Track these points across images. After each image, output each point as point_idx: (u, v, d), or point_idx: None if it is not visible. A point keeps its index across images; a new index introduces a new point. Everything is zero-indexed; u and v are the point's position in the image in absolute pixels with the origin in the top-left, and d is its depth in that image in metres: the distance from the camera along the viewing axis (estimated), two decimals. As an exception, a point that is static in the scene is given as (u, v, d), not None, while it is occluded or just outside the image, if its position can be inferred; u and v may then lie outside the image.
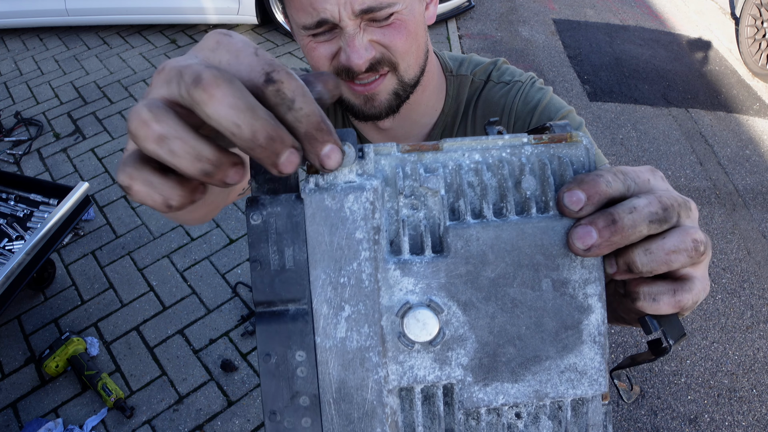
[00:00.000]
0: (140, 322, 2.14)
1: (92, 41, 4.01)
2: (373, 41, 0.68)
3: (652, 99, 3.44)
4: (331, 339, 0.29)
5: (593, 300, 0.30)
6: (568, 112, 0.77)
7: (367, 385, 0.29)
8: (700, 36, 4.17)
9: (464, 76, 0.85)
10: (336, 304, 0.29)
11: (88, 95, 3.45)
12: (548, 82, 3.56)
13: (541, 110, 0.78)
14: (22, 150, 3.00)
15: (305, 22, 0.66)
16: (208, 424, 1.82)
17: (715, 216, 2.62)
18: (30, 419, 1.82)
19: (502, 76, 0.84)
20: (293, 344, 0.28)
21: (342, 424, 0.29)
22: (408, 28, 0.68)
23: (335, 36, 0.68)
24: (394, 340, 0.29)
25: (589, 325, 0.30)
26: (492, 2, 4.56)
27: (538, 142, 0.31)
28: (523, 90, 0.81)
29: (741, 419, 1.84)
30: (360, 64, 0.66)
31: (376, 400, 0.29)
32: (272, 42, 3.90)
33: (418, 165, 0.30)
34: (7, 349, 2.05)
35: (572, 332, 0.30)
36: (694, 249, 0.30)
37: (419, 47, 0.72)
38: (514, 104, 0.80)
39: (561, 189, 0.30)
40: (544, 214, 0.30)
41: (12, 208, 2.12)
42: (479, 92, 0.84)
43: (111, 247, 2.45)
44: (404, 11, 0.67)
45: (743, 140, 3.12)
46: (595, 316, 0.30)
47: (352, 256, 0.29)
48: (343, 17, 0.64)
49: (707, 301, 2.22)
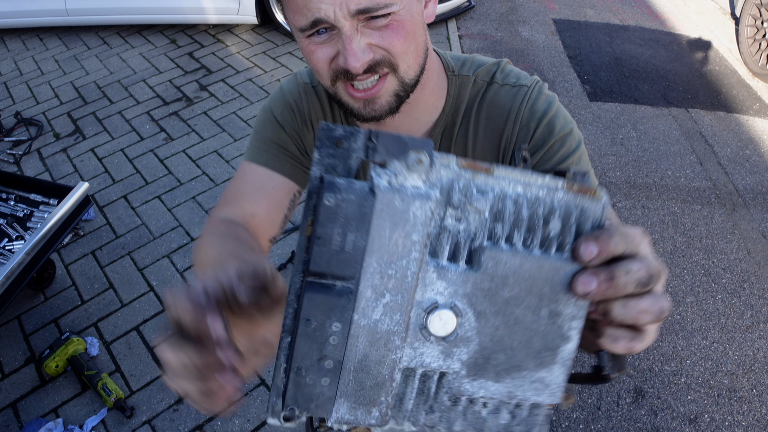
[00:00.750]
0: (140, 322, 2.14)
1: (92, 41, 4.01)
2: (371, 44, 0.67)
3: (652, 99, 3.44)
4: (367, 319, 0.33)
5: (573, 332, 0.37)
6: (570, 130, 0.79)
7: (385, 362, 0.34)
8: (700, 36, 4.17)
9: (466, 77, 0.84)
10: (379, 291, 0.33)
11: (88, 95, 3.45)
12: (548, 82, 3.57)
13: (547, 122, 0.78)
14: (22, 150, 3.00)
15: (301, 24, 0.66)
16: (208, 424, 1.82)
17: (715, 216, 2.62)
18: (30, 419, 1.82)
19: (507, 78, 0.83)
20: (333, 316, 0.33)
21: (355, 389, 0.35)
22: (406, 29, 0.68)
23: (333, 38, 0.67)
24: (416, 331, 0.35)
25: (564, 351, 0.37)
26: (492, 2, 4.56)
27: (570, 189, 0.36)
28: (529, 96, 0.81)
29: (741, 419, 1.84)
30: (357, 66, 0.66)
31: (388, 375, 0.35)
32: (272, 42, 3.90)
33: (471, 183, 0.35)
34: (7, 349, 2.05)
35: (551, 353, 0.37)
36: (659, 313, 0.37)
37: (418, 47, 0.72)
38: (521, 111, 0.80)
39: (580, 238, 0.35)
40: (559, 253, 0.36)
41: (12, 208, 2.12)
42: (482, 93, 0.84)
43: (111, 247, 2.45)
44: (402, 11, 0.66)
45: (743, 140, 3.12)
46: (571, 344, 0.37)
47: (404, 253, 0.33)
48: (338, 17, 0.63)
49: (707, 301, 2.23)
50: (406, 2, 0.67)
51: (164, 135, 3.09)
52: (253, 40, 3.93)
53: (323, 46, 0.68)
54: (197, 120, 3.19)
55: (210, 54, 3.80)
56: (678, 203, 2.69)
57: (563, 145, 0.78)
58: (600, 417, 1.84)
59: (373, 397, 0.35)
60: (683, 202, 2.70)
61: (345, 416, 0.35)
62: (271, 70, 3.61)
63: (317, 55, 0.69)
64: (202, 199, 2.68)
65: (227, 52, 3.82)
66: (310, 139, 0.90)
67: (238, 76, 3.56)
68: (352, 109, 0.74)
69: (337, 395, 0.34)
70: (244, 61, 3.71)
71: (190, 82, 3.52)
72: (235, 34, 4.02)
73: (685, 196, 2.74)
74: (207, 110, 3.27)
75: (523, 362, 0.37)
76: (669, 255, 2.43)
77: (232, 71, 3.61)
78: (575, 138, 0.79)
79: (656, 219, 2.60)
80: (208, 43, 3.92)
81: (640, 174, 2.86)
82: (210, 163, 2.89)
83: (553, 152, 0.78)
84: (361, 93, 0.71)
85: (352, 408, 0.35)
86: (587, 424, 1.82)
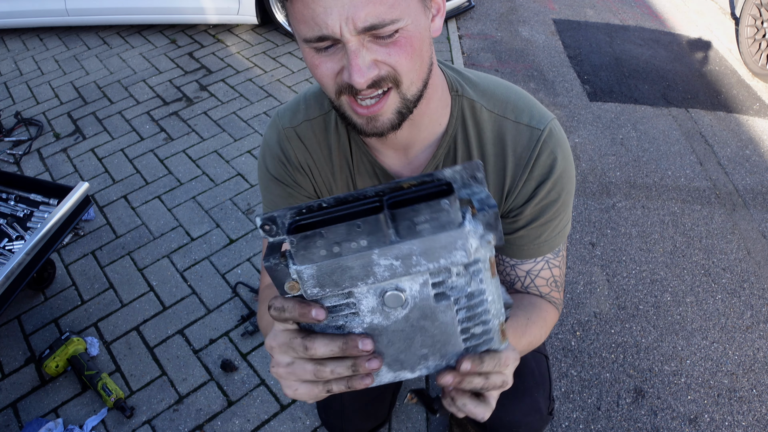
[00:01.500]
0: (140, 322, 2.14)
1: (92, 41, 4.01)
2: (376, 60, 0.66)
3: (652, 99, 3.44)
4: (378, 257, 0.45)
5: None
6: (566, 208, 0.88)
7: (362, 274, 0.46)
8: (700, 36, 4.17)
9: (472, 101, 0.84)
10: (405, 254, 0.46)
11: (88, 95, 3.45)
12: (548, 82, 3.57)
13: (551, 185, 0.84)
14: (22, 150, 3.00)
15: (307, 35, 0.65)
16: (208, 424, 1.82)
17: (715, 216, 2.62)
18: (30, 419, 1.82)
19: (520, 116, 0.83)
20: (367, 239, 0.44)
21: (332, 269, 0.45)
22: (413, 45, 0.67)
23: (338, 52, 0.66)
24: (384, 284, 0.47)
25: (448, 355, 0.54)
26: (492, 2, 4.56)
27: (501, 329, 0.53)
28: (541, 145, 0.82)
29: (741, 419, 1.84)
30: (362, 83, 0.65)
31: (358, 275, 0.46)
32: (272, 42, 3.90)
33: (485, 272, 0.50)
34: (7, 349, 2.06)
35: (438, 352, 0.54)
36: (503, 386, 0.57)
37: (423, 62, 0.71)
38: (530, 161, 0.83)
39: (467, 356, 0.52)
40: (464, 341, 0.52)
41: (12, 208, 2.12)
42: (494, 127, 0.84)
43: (111, 247, 2.45)
44: (409, 27, 0.65)
45: (743, 140, 3.12)
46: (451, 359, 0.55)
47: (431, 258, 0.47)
48: (344, 33, 0.62)
49: (707, 301, 2.23)
50: (414, 17, 0.66)
51: (164, 135, 3.09)
52: (253, 40, 3.93)
53: (328, 61, 0.68)
54: (197, 120, 3.19)
55: (210, 54, 3.80)
56: (678, 203, 2.69)
57: (548, 204, 0.86)
58: (600, 417, 1.84)
59: (338, 280, 0.46)
60: (683, 202, 2.70)
61: (311, 279, 0.46)
62: (271, 70, 3.61)
63: (322, 70, 0.69)
64: (202, 199, 2.68)
65: (227, 52, 3.82)
66: (307, 182, 0.94)
67: (238, 76, 3.56)
68: (355, 124, 0.74)
69: (318, 264, 0.45)
70: (244, 61, 3.71)
71: (190, 82, 3.52)
72: (235, 34, 4.02)
73: (685, 196, 2.74)
74: (207, 110, 3.27)
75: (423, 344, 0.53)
76: (669, 255, 2.43)
77: (232, 71, 3.61)
78: (566, 216, 0.89)
79: (656, 219, 2.60)
80: (208, 43, 3.93)
81: (640, 174, 2.86)
82: (210, 163, 2.89)
83: (537, 201, 0.86)
84: (365, 110, 0.71)
85: (318, 281, 0.46)
86: (587, 424, 1.82)
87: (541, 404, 1.10)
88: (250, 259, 2.37)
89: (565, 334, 2.10)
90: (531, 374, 1.11)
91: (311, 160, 0.92)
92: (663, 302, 2.23)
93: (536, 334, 0.88)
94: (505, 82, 0.88)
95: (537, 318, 0.89)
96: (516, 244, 0.91)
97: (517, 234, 0.89)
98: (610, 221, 2.59)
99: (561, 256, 0.94)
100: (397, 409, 1.83)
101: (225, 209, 2.62)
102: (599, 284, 2.30)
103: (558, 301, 0.97)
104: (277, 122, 0.93)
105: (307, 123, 0.91)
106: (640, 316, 2.17)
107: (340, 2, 0.60)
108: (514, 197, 0.87)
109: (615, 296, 2.25)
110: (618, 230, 2.54)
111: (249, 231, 2.51)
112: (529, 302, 0.92)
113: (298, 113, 0.92)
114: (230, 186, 2.75)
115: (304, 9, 0.62)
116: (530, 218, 0.87)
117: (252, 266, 2.34)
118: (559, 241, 0.92)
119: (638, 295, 2.26)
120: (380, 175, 0.90)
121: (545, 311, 0.93)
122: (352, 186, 0.93)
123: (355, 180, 0.92)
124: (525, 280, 0.94)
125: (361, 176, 0.92)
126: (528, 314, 0.88)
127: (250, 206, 2.63)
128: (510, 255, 0.93)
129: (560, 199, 0.86)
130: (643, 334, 2.10)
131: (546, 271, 0.93)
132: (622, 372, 1.98)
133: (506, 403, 1.04)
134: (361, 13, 0.60)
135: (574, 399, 1.89)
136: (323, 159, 0.92)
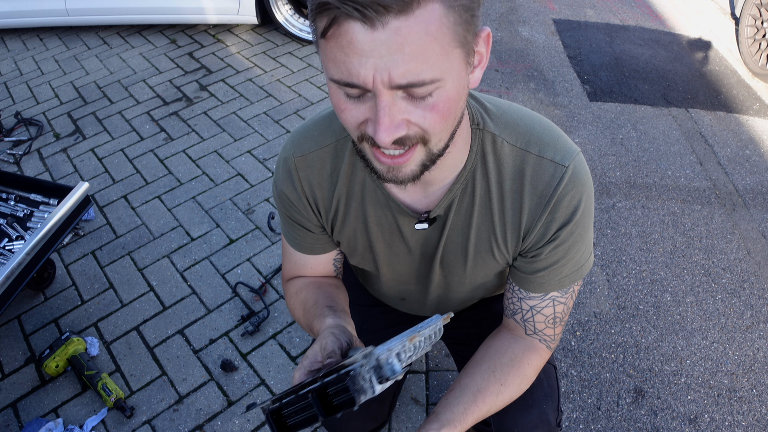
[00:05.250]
0: (140, 322, 2.14)
1: (92, 41, 4.01)
2: (407, 120, 0.61)
3: (652, 99, 3.44)
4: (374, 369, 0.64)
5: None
6: (586, 244, 0.88)
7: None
8: (700, 36, 4.17)
9: (494, 135, 0.81)
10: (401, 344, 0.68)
11: (88, 95, 3.45)
12: (548, 82, 3.57)
13: (569, 229, 0.83)
14: (22, 150, 3.00)
15: (335, 77, 0.59)
16: (208, 424, 1.82)
17: (715, 216, 2.62)
18: (30, 419, 1.82)
19: (544, 151, 0.80)
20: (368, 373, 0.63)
21: None
22: (449, 108, 0.61)
23: (367, 100, 0.60)
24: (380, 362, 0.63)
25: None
26: (492, 2, 4.56)
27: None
28: (564, 184, 0.79)
29: (741, 419, 1.84)
30: (387, 141, 0.60)
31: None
32: (272, 42, 3.90)
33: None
34: (7, 349, 2.06)
35: None
36: None
37: (455, 120, 0.66)
38: (552, 200, 0.81)
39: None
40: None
41: (12, 208, 2.12)
42: (517, 162, 0.81)
43: (111, 247, 2.45)
44: (448, 86, 0.59)
45: (743, 140, 3.12)
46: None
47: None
48: (377, 85, 0.56)
49: (707, 301, 2.23)
50: (456, 74, 0.59)
51: (164, 135, 3.09)
52: (253, 40, 3.93)
53: (354, 108, 0.62)
54: (197, 120, 3.19)
55: (210, 54, 3.80)
56: (678, 203, 2.69)
57: (570, 246, 0.85)
58: (600, 417, 1.84)
59: None
60: (683, 202, 2.70)
61: None
62: (271, 70, 3.61)
63: (346, 115, 0.64)
64: (202, 199, 2.68)
65: (227, 52, 3.82)
66: (309, 212, 0.96)
67: (238, 76, 3.56)
68: (376, 170, 0.71)
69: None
70: (244, 61, 3.71)
71: (190, 82, 3.52)
72: (235, 34, 4.02)
73: (685, 196, 2.74)
74: (207, 110, 3.27)
75: None
76: (669, 255, 2.43)
77: (232, 71, 3.61)
78: (584, 239, 0.87)
79: (656, 219, 2.60)
80: (208, 43, 3.92)
81: (640, 174, 2.86)
82: (210, 163, 2.89)
83: (557, 243, 0.84)
84: (388, 159, 0.66)
85: None
86: (587, 424, 1.82)
87: (549, 416, 1.08)
88: (250, 259, 2.37)
89: (565, 334, 2.10)
90: (540, 385, 1.08)
91: (315, 191, 0.92)
92: (663, 302, 2.23)
93: (505, 396, 0.89)
94: (530, 112, 0.84)
95: (512, 380, 0.89)
96: (533, 282, 0.90)
97: (537, 275, 0.88)
98: (610, 221, 2.59)
99: (571, 291, 0.91)
100: (397, 410, 1.83)
101: (225, 209, 2.62)
102: (599, 284, 2.30)
103: (550, 337, 0.95)
104: (288, 148, 0.92)
105: (317, 153, 0.89)
106: (640, 316, 2.17)
107: (378, 53, 0.53)
108: (533, 237, 0.85)
109: (615, 296, 2.25)
110: (618, 230, 2.54)
111: (249, 231, 2.51)
112: (509, 359, 0.91)
113: (309, 140, 0.90)
114: (230, 186, 2.75)
115: (338, 52, 0.56)
116: (551, 261, 0.86)
117: (252, 266, 2.34)
118: (576, 278, 0.89)
119: (638, 295, 2.26)
120: (394, 208, 0.88)
121: (526, 365, 0.91)
122: (361, 216, 0.91)
123: (366, 210, 0.91)
124: (526, 314, 0.93)
125: (374, 206, 0.90)
126: (500, 379, 0.89)
127: (250, 206, 2.63)
128: (521, 286, 0.92)
129: (583, 239, 0.85)
130: (643, 334, 2.10)
131: (549, 308, 0.91)
132: (622, 372, 1.98)
133: (514, 414, 1.03)
134: (400, 69, 0.54)
135: (574, 399, 1.89)
136: (326, 191, 0.91)
